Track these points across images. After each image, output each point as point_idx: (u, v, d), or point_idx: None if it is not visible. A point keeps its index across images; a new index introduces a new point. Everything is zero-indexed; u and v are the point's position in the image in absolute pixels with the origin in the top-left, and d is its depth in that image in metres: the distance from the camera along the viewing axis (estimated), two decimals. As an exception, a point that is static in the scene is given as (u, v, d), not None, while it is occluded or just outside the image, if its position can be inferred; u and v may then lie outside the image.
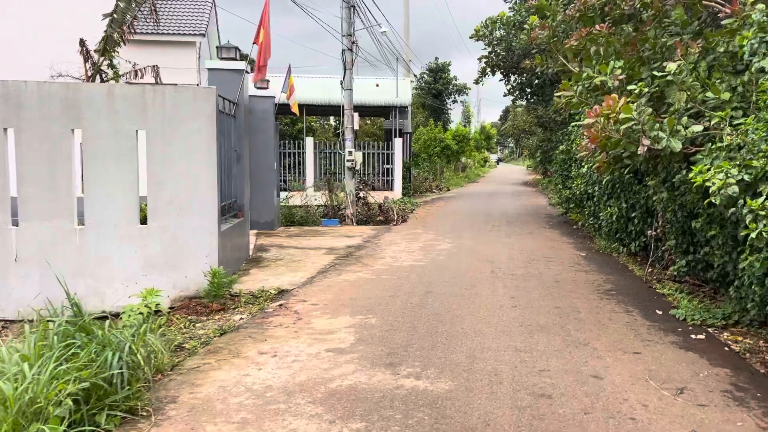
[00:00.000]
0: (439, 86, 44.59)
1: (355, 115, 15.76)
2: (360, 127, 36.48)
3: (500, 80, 16.49)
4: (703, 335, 5.91)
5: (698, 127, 5.74)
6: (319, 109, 25.54)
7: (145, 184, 7.56)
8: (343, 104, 15.72)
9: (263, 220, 13.75)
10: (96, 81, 14.11)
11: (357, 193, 16.00)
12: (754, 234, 4.55)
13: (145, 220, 7.60)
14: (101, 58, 14.54)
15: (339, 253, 10.64)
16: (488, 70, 15.98)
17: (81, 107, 7.29)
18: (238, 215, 9.72)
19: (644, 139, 5.69)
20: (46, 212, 7.25)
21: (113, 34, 14.52)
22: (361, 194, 16.43)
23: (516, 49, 15.18)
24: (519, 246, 11.61)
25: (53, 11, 19.10)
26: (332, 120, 37.57)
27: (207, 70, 9.94)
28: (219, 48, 10.20)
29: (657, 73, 6.26)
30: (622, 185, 9.49)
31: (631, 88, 6.09)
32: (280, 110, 20.45)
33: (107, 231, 7.39)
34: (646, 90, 6.12)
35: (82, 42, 14.34)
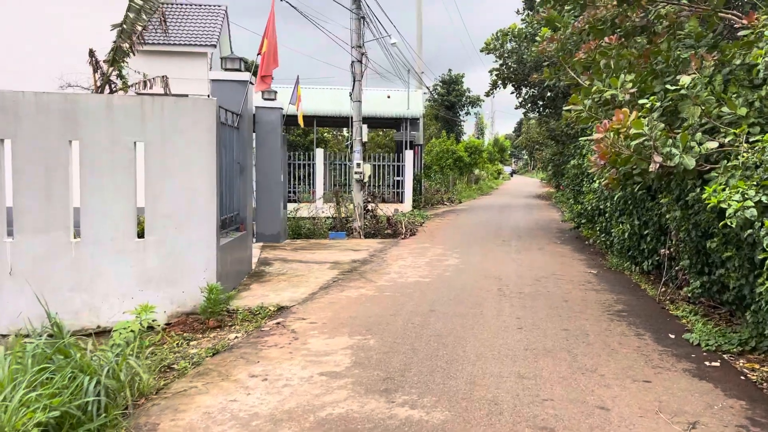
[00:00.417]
0: (452, 98, 44.43)
1: (364, 126, 15.60)
2: (372, 139, 36.42)
3: (511, 93, 16.26)
4: (717, 362, 5.61)
5: (713, 144, 5.47)
6: (330, 121, 25.47)
7: (143, 196, 7.44)
8: (351, 116, 15.56)
9: (269, 233, 13.60)
10: (105, 91, 14.07)
11: (365, 206, 15.81)
12: (772, 258, 4.27)
13: (142, 234, 7.44)
14: (110, 69, 14.51)
15: (343, 268, 10.43)
16: (499, 82, 15.76)
17: (79, 118, 7.17)
18: (240, 228, 9.54)
19: (656, 156, 5.43)
20: (41, 225, 7.11)
21: (123, 44, 14.51)
22: (369, 207, 16.23)
23: (527, 61, 14.96)
24: (528, 262, 11.32)
25: (63, 22, 19.19)
26: (345, 131, 37.50)
27: (211, 81, 9.81)
28: (223, 59, 10.09)
29: (670, 86, 6.01)
30: (635, 202, 9.20)
31: (642, 102, 5.84)
32: (292, 122, 20.39)
33: (103, 244, 7.24)
34: (658, 104, 5.87)
35: (91, 52, 14.31)
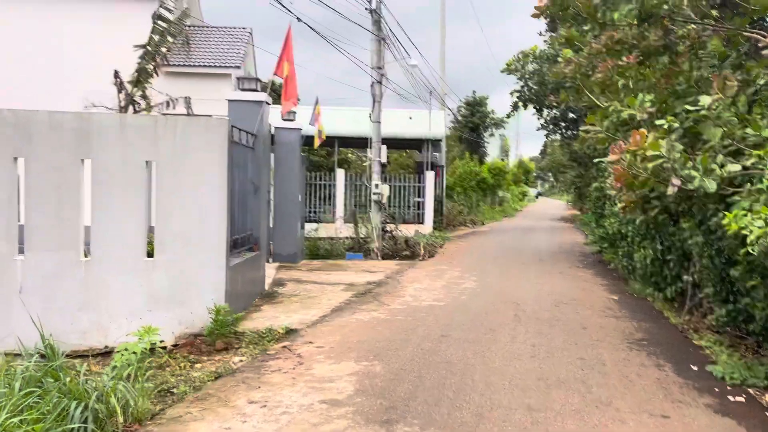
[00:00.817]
0: (476, 120, 44.26)
1: (383, 147, 15.53)
2: (395, 160, 36.40)
3: (533, 114, 16.09)
4: (742, 397, 5.30)
5: (736, 167, 5.22)
6: (352, 141, 25.49)
7: (154, 215, 7.41)
8: (370, 136, 15.51)
9: (286, 253, 13.52)
10: (129, 111, 14.25)
11: (383, 227, 15.67)
12: (798, 289, 4.01)
13: (151, 253, 7.40)
14: (134, 89, 14.72)
15: (357, 290, 10.26)
16: (520, 104, 15.60)
17: (92, 137, 7.18)
18: (254, 248, 9.46)
19: (674, 179, 5.20)
20: (52, 243, 7.11)
21: (147, 65, 14.72)
22: (387, 228, 16.09)
23: (549, 83, 14.79)
24: (548, 286, 11.03)
25: (89, 43, 19.59)
26: (369, 152, 37.50)
27: (227, 101, 9.83)
28: (239, 79, 10.11)
29: (690, 107, 5.79)
30: (657, 226, 8.90)
31: (659, 122, 5.63)
32: (313, 142, 20.41)
33: (113, 263, 7.20)
34: (677, 125, 5.64)
35: (116, 73, 14.52)
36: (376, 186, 15.19)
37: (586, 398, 5.16)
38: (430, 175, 22.04)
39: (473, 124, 44.20)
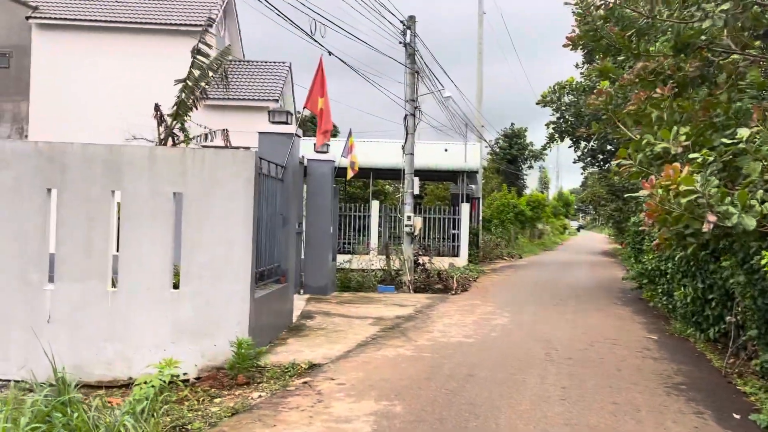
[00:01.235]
0: (514, 152, 44.01)
1: (416, 179, 15.46)
2: (431, 191, 36.30)
3: (569, 147, 15.83)
4: (790, 451, 4.91)
5: (777, 203, 4.93)
6: (388, 173, 25.52)
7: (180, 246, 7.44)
8: (403, 168, 15.47)
9: (316, 285, 13.45)
10: (168, 144, 14.57)
11: (416, 259, 15.49)
12: None
13: (177, 284, 7.41)
14: (173, 122, 15.06)
15: (385, 324, 10.08)
16: (556, 136, 15.36)
17: (122, 169, 7.30)
18: (281, 280, 9.42)
19: (710, 215, 4.93)
20: (80, 273, 7.18)
21: (186, 99, 15.08)
22: (420, 260, 15.90)
23: (585, 114, 14.54)
24: (583, 324, 10.65)
25: (131, 78, 20.26)
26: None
27: (258, 134, 9.92)
28: (270, 112, 10.22)
29: (727, 140, 5.53)
30: (697, 263, 8.52)
31: (693, 156, 5.38)
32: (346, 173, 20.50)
33: (139, 294, 7.23)
34: (712, 159, 5.39)
35: (156, 107, 14.89)
36: (408, 218, 15.08)
37: (616, 447, 4.86)
38: (465, 207, 21.86)
39: (511, 156, 43.93)
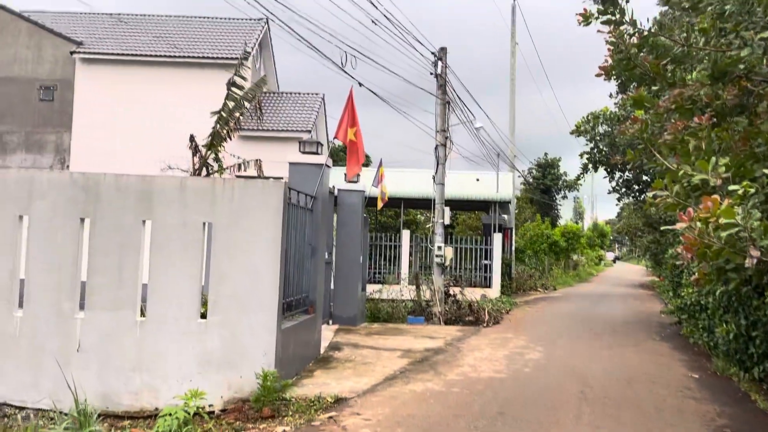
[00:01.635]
0: (547, 182, 43.54)
1: (447, 209, 15.34)
2: (463, 221, 36.07)
3: (604, 177, 15.55)
4: None
5: (824, 237, 4.68)
6: (419, 203, 25.45)
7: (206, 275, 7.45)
8: (434, 198, 15.38)
9: (345, 315, 13.34)
10: (202, 174, 14.81)
11: (446, 290, 15.28)
12: None
13: (204, 314, 7.39)
14: (208, 153, 15.32)
15: (414, 357, 9.89)
16: (590, 166, 15.13)
17: (154, 199, 7.38)
18: (309, 311, 9.35)
19: (753, 250, 4.70)
20: (110, 302, 7.23)
21: (221, 130, 15.35)
22: (451, 291, 15.68)
23: (620, 144, 14.30)
24: (620, 360, 10.28)
25: (168, 109, 20.76)
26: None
27: (288, 164, 9.98)
28: (301, 143, 10.29)
29: (768, 171, 5.32)
30: (739, 299, 8.17)
31: (733, 188, 5.17)
32: (376, 203, 20.52)
33: (167, 324, 7.23)
34: (753, 191, 5.17)
35: (192, 138, 15.18)
36: (439, 248, 14.93)
37: (655, 495, 4.59)
38: (497, 237, 21.60)
39: (545, 185, 43.47)
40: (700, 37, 6.46)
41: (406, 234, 21.56)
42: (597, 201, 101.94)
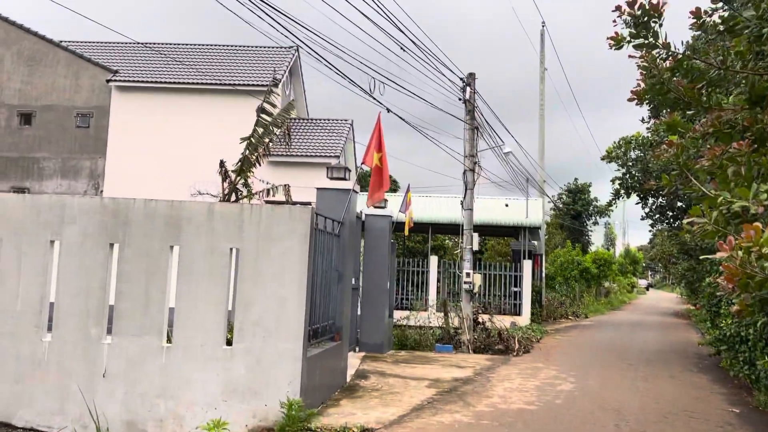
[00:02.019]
0: (578, 207, 42.97)
1: (475, 235, 15.15)
2: (491, 247, 35.72)
3: (636, 203, 15.23)
4: None
5: None
6: (447, 228, 25.31)
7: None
8: (462, 223, 15.22)
9: (372, 342, 13.18)
10: (231, 199, 14.93)
11: (475, 317, 15.02)
12: None
13: (230, 341, 7.33)
14: (237, 178, 15.45)
15: (442, 387, 9.68)
16: (622, 191, 14.84)
17: (182, 224, 7.40)
18: (335, 338, 9.23)
19: (798, 281, 4.48)
20: (137, 328, 7.24)
21: (250, 156, 15.49)
22: (479, 318, 15.41)
23: (653, 170, 14.02)
24: (656, 393, 9.91)
25: (199, 136, 21.10)
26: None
27: (315, 189, 9.98)
28: (329, 168, 10.30)
29: (814, 198, 5.08)
30: (783, 330, 7.82)
31: (775, 216, 4.95)
32: (411, 229, 20.43)
33: (193, 351, 7.19)
34: (797, 219, 4.94)
35: (221, 163, 15.35)
36: (467, 275, 14.72)
37: None
38: (527, 264, 21.26)
39: (575, 211, 42.91)
40: (736, 60, 6.29)
41: (433, 260, 21.38)
42: (629, 227, 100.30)
